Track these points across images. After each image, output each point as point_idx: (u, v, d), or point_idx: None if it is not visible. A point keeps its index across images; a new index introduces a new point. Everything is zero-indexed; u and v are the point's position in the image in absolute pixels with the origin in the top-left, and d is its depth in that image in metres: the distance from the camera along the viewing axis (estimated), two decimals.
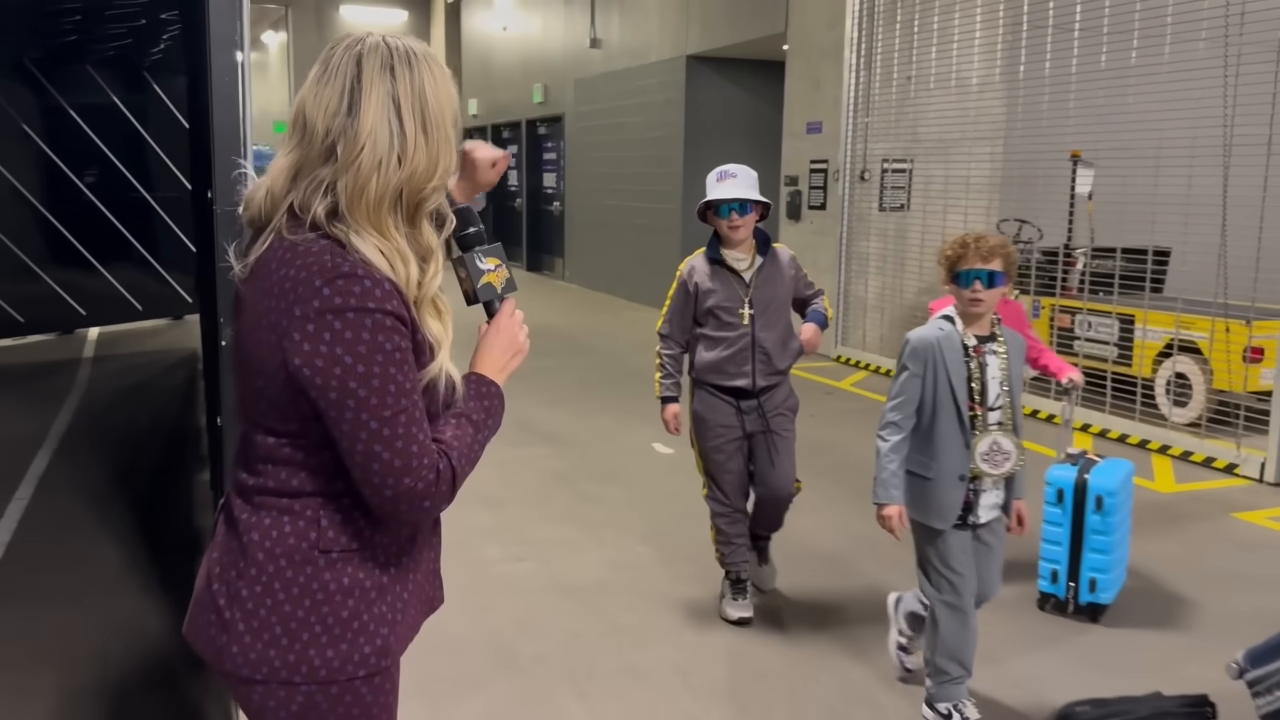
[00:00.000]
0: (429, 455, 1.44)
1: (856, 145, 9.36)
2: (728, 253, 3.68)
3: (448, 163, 1.48)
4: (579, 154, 14.84)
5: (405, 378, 1.41)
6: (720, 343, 3.70)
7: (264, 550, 1.48)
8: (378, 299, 1.38)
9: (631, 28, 13.21)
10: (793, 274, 3.78)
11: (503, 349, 1.66)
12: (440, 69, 1.48)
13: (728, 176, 3.61)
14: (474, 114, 19.06)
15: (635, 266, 13.29)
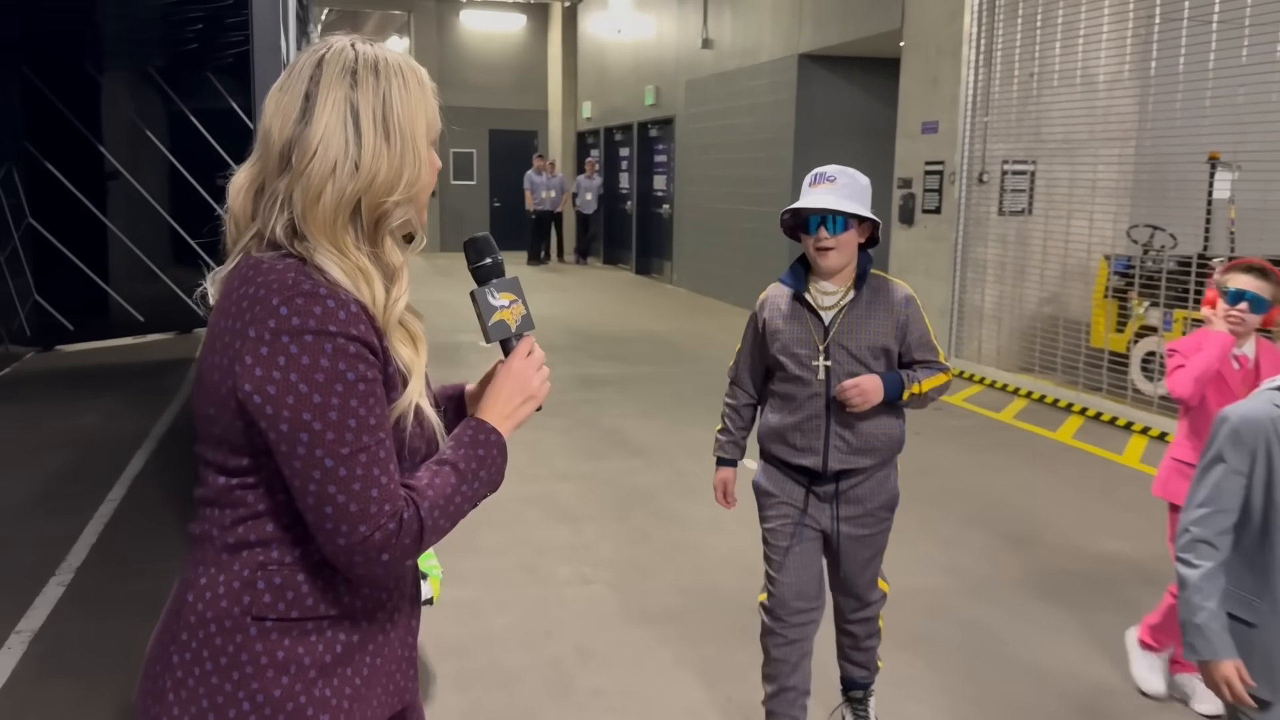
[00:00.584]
0: (392, 501, 1.29)
1: (975, 146, 8.91)
2: (815, 283, 2.74)
3: (414, 175, 1.35)
4: (688, 156, 14.68)
5: (369, 412, 1.27)
6: (787, 403, 2.78)
7: (195, 613, 1.33)
8: (341, 322, 1.26)
9: (743, 27, 12.97)
10: (901, 320, 2.73)
11: (511, 393, 1.49)
12: (415, 79, 1.37)
13: (823, 180, 2.67)
14: (587, 117, 19.09)
15: (742, 271, 13.04)
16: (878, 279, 2.77)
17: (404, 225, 1.40)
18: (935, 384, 2.76)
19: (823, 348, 2.71)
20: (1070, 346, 8.05)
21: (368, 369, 1.28)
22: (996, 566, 4.61)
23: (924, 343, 2.77)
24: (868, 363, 2.70)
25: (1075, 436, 7.01)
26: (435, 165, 1.41)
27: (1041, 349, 8.38)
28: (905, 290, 2.78)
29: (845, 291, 2.73)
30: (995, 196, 8.82)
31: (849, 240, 2.67)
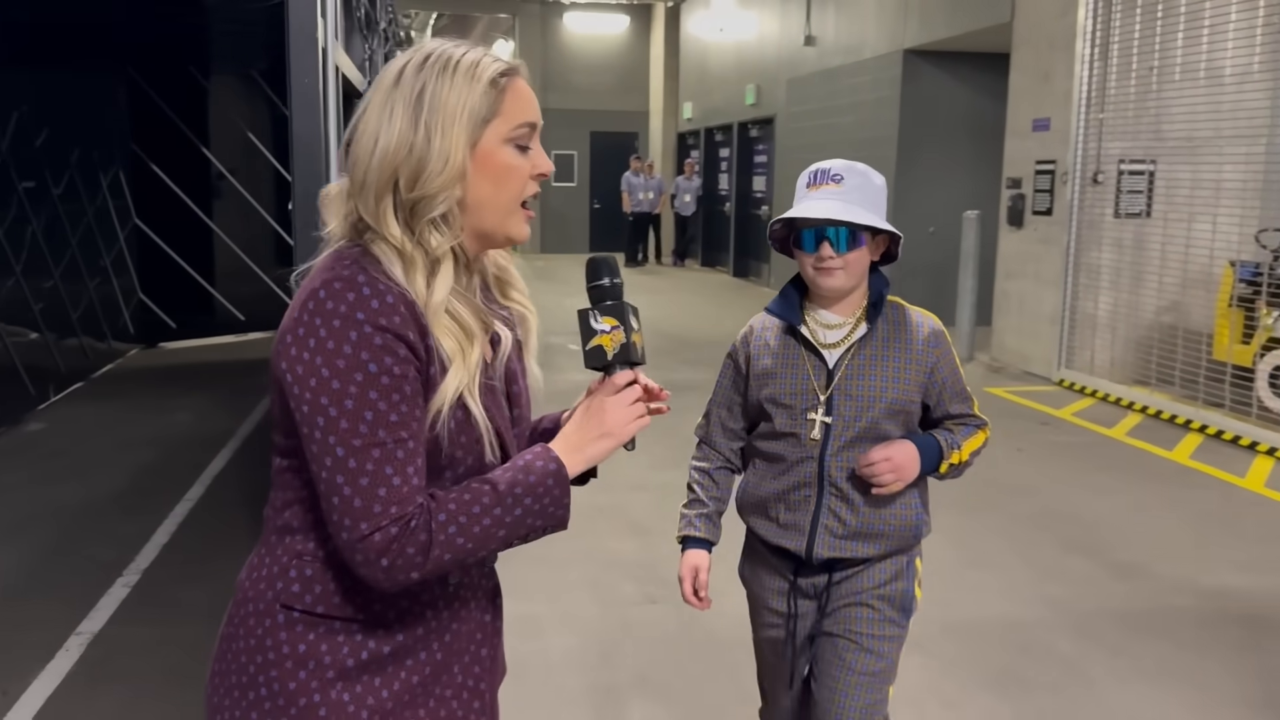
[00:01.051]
0: (400, 505, 1.24)
1: (1089, 144, 8.42)
2: (813, 312, 2.12)
3: (440, 164, 1.30)
4: (788, 156, 14.37)
5: (390, 408, 1.24)
6: (772, 465, 2.16)
7: (242, 591, 1.38)
8: (371, 311, 1.24)
9: (847, 23, 12.62)
10: (928, 363, 2.11)
11: (591, 425, 1.40)
12: (465, 73, 1.33)
13: (825, 179, 2.04)
14: (688, 118, 18.93)
15: None
16: (896, 308, 2.14)
17: (473, 228, 1.36)
18: (974, 445, 2.16)
19: (824, 398, 2.08)
20: (1190, 358, 7.52)
21: (395, 364, 1.24)
22: (1099, 599, 4.25)
23: (958, 392, 2.16)
24: (879, 420, 2.07)
25: (1193, 456, 6.52)
26: (509, 168, 1.35)
27: (1159, 361, 7.86)
28: (932, 323, 2.14)
29: (854, 324, 2.10)
30: (1111, 198, 8.32)
31: (859, 259, 2.04)
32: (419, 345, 1.27)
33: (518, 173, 1.35)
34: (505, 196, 1.35)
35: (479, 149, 1.32)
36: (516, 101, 1.35)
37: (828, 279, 2.04)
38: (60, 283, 7.73)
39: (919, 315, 2.15)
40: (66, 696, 3.32)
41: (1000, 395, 8.15)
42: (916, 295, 11.83)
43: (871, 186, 2.06)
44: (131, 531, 4.75)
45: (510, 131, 1.34)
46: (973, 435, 2.17)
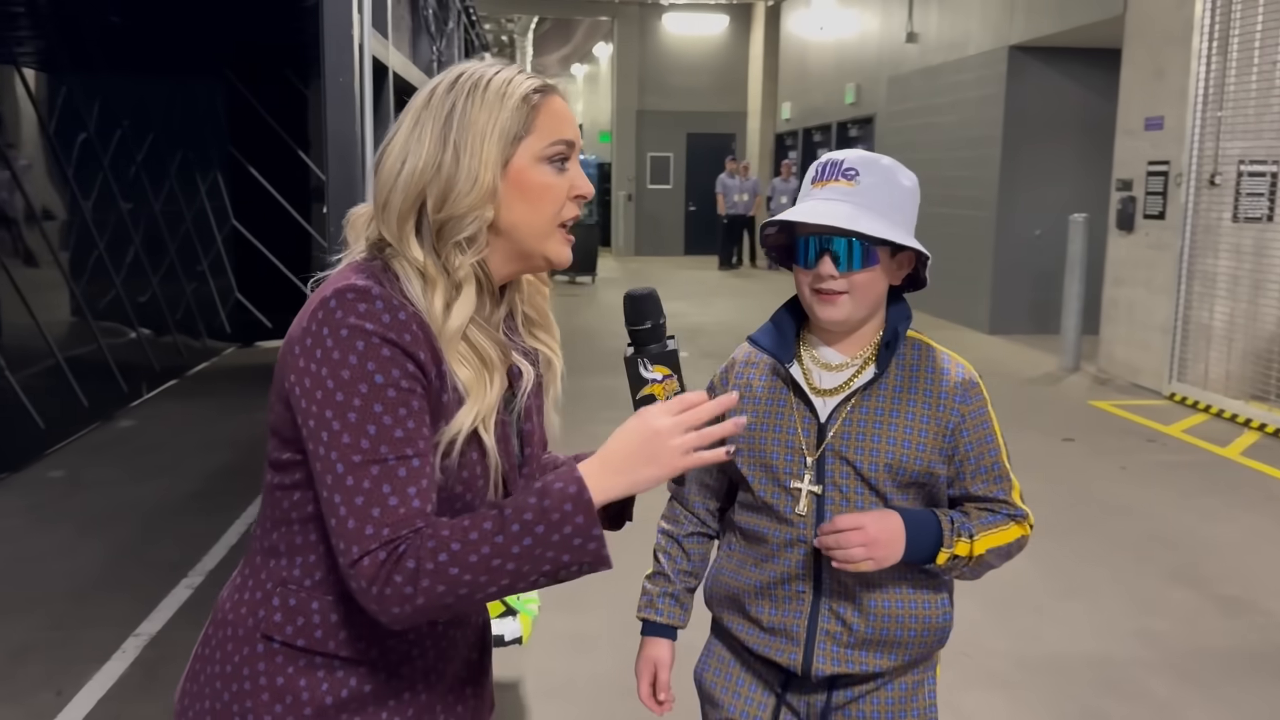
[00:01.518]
0: (394, 527, 1.15)
1: (1205, 144, 7.92)
2: (812, 348, 1.68)
3: (468, 184, 1.25)
4: (888, 156, 13.97)
5: (396, 422, 1.17)
6: (753, 547, 1.70)
7: (222, 611, 1.32)
8: (383, 324, 1.18)
9: (950, 19, 12.21)
10: (950, 423, 1.62)
11: (630, 449, 1.21)
12: (497, 93, 1.27)
13: (836, 174, 1.58)
14: (786, 118, 18.65)
15: (941, 280, 12.17)
16: (918, 349, 1.64)
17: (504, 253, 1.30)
18: (997, 542, 1.61)
19: (811, 460, 1.62)
20: None
21: (403, 377, 1.18)
22: (1201, 636, 3.92)
23: (988, 467, 1.63)
24: (887, 493, 1.60)
25: None
26: (544, 187, 1.28)
27: (1279, 375, 7.34)
28: (962, 370, 1.64)
29: (860, 366, 1.63)
30: (1229, 201, 7.80)
31: (870, 282, 1.57)
32: (430, 367, 1.21)
33: (553, 192, 1.29)
34: (541, 217, 1.29)
35: (511, 167, 1.26)
36: (551, 119, 1.29)
37: (828, 307, 1.58)
38: (159, 284, 7.93)
39: (947, 359, 1.65)
40: (117, 700, 3.32)
41: (1105, 409, 7.73)
42: (1020, 302, 11.41)
43: (896, 188, 1.57)
44: (202, 531, 4.78)
45: (544, 149, 1.28)
46: (998, 527, 1.62)
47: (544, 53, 28.70)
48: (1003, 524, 1.64)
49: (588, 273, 15.64)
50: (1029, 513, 1.69)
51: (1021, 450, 6.52)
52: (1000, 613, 4.08)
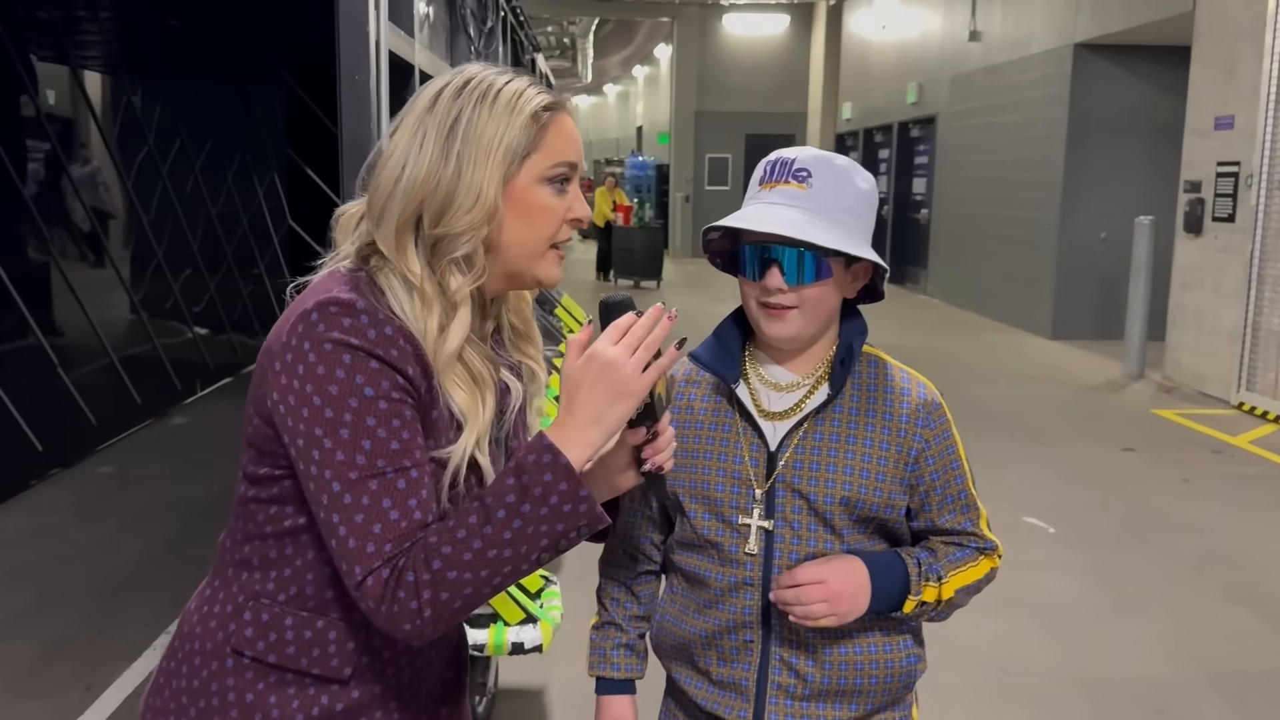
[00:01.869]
0: (396, 542, 1.11)
1: (1278, 144, 7.61)
2: (760, 366, 1.52)
3: (469, 200, 1.20)
4: (949, 157, 13.76)
5: (391, 434, 1.13)
6: (696, 591, 1.53)
7: (189, 623, 1.28)
8: (369, 340, 1.13)
9: (1014, 17, 11.94)
10: (911, 450, 1.47)
11: (593, 393, 1.17)
12: (504, 103, 1.22)
13: (786, 175, 1.41)
14: (847, 118, 18.43)
15: (1002, 282, 12.02)
16: (874, 366, 1.50)
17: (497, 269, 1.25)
18: (967, 580, 1.49)
19: (760, 492, 1.46)
20: None
21: (394, 389, 1.14)
22: (1256, 657, 3.73)
23: (954, 496, 1.49)
24: (841, 529, 1.44)
25: None
26: (542, 208, 1.24)
27: None
28: (923, 390, 1.49)
29: (812, 387, 1.48)
30: None
31: (822, 297, 1.41)
32: (420, 382, 1.16)
33: (551, 214, 1.25)
34: (535, 238, 1.25)
35: (512, 185, 1.22)
36: (559, 138, 1.25)
37: (776, 323, 1.42)
38: (216, 284, 8.05)
39: (906, 378, 1.50)
40: None
41: (1170, 418, 7.47)
42: (1084, 307, 11.14)
43: (851, 192, 1.41)
44: None
45: (548, 169, 1.24)
46: (967, 564, 1.49)
47: (605, 55, 28.74)
48: (971, 560, 1.50)
49: (652, 277, 15.21)
50: (998, 543, 1.55)
51: (1078, 460, 6.39)
52: (1045, 628, 3.93)
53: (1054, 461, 6.28)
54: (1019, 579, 4.34)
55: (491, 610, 2.95)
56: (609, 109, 34.02)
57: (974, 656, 3.65)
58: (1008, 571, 4.70)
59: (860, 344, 1.47)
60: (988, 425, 7.07)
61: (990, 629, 3.84)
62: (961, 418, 2.35)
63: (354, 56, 2.38)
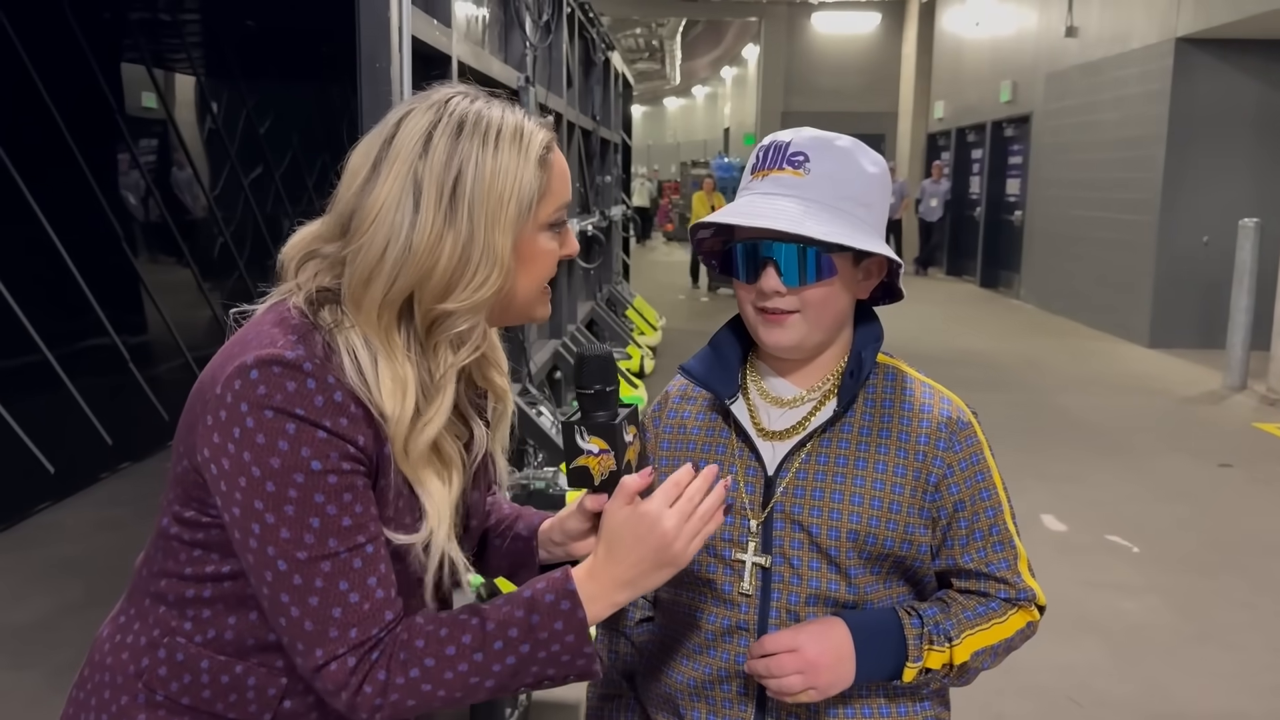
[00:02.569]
0: (361, 627, 1.03)
1: None
2: (761, 378, 1.35)
3: (486, 271, 1.06)
4: (1044, 157, 13.29)
5: (342, 510, 1.02)
6: (684, 636, 1.34)
7: (100, 651, 1.18)
8: (316, 409, 1.01)
9: (1113, 11, 11.46)
10: (931, 475, 1.26)
11: (639, 558, 1.10)
12: (512, 145, 1.07)
13: (781, 160, 1.24)
14: (939, 117, 18.00)
15: (1096, 287, 11.54)
16: (891, 378, 1.32)
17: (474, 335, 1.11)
18: (989, 640, 1.27)
19: (756, 524, 1.28)
20: None
21: (343, 459, 1.02)
22: None
23: (986, 532, 1.28)
24: (848, 568, 1.25)
25: None
26: (543, 255, 1.13)
27: None
28: (946, 407, 1.30)
29: (819, 402, 1.31)
30: None
31: (828, 298, 1.24)
32: (371, 450, 1.05)
33: (551, 259, 1.14)
34: (535, 285, 1.14)
35: (521, 240, 1.09)
36: (561, 180, 1.13)
37: (775, 330, 1.25)
38: None
39: (928, 393, 1.30)
40: None
41: (1272, 433, 7.03)
42: (1184, 313, 10.63)
43: (858, 177, 1.23)
44: None
45: (551, 215, 1.12)
46: (990, 620, 1.28)
47: (694, 57, 28.62)
48: (997, 614, 1.28)
49: None
50: (1036, 591, 1.31)
51: (1169, 475, 6.03)
52: (1123, 656, 3.68)
53: (1143, 476, 5.95)
54: (1096, 601, 4.09)
55: None
56: (697, 111, 33.90)
57: (1040, 685, 3.42)
58: (1083, 592, 4.46)
59: (873, 352, 1.29)
60: (1074, 435, 6.74)
61: (1060, 656, 3.61)
62: (1047, 427, 2.16)
63: (374, 43, 2.30)
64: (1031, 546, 1.37)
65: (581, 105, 6.19)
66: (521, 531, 1.31)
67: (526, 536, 1.30)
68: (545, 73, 4.89)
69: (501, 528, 1.34)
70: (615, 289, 8.00)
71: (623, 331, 6.96)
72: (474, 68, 3.26)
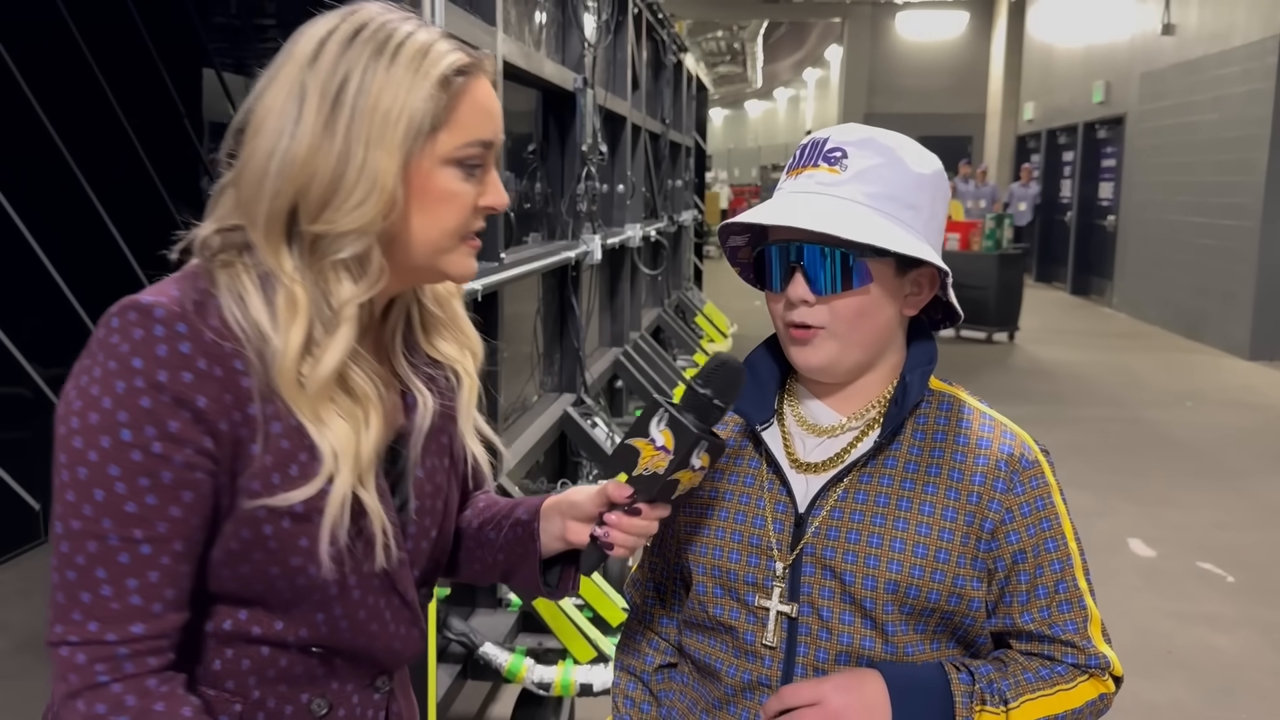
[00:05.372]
0: (103, 623, 0.92)
1: None
2: (799, 403, 1.19)
3: (363, 193, 0.96)
4: (1139, 160, 12.79)
5: (131, 493, 0.92)
6: (705, 685, 1.20)
7: None
8: (154, 359, 0.92)
9: (1213, 7, 10.97)
10: (987, 521, 1.10)
11: None
12: (406, 62, 0.97)
13: (817, 157, 1.11)
14: (1029, 119, 17.52)
15: (1194, 296, 11.04)
16: (947, 408, 1.16)
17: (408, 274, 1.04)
18: (1053, 709, 1.09)
19: (783, 567, 1.14)
20: None
21: (159, 438, 0.92)
22: None
23: (1052, 589, 1.12)
24: (885, 623, 1.10)
25: None
26: (447, 196, 1.00)
27: None
28: (1011, 444, 1.14)
29: (861, 431, 1.16)
30: None
31: (863, 310, 1.10)
32: (217, 417, 0.94)
33: (458, 202, 1.02)
34: (440, 231, 1.02)
35: (412, 168, 0.98)
36: (474, 111, 1.01)
37: (802, 348, 1.12)
38: None
39: (989, 425, 1.15)
40: None
41: None
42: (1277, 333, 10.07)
43: (903, 176, 1.10)
44: None
45: (456, 150, 1.00)
46: (1057, 684, 1.10)
47: (776, 59, 28.35)
48: (1064, 679, 1.10)
49: (1006, 325, 10.50)
50: (1112, 659, 1.13)
51: (1270, 498, 5.66)
52: (1211, 696, 3.41)
53: (1240, 498, 5.59)
54: (1185, 635, 3.81)
55: (560, 645, 2.75)
56: (778, 114, 33.63)
57: None
58: (1171, 625, 4.18)
59: (922, 377, 1.13)
60: (1167, 453, 6.39)
61: (1143, 693, 3.36)
62: (1138, 445, 1.93)
63: None
64: (1117, 573, 1.20)
65: (649, 108, 6.06)
66: (521, 516, 1.20)
67: (527, 520, 1.18)
68: (608, 75, 4.78)
69: (498, 518, 1.22)
70: (685, 295, 7.85)
71: (690, 339, 6.81)
72: (524, 68, 3.16)
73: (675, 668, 1.27)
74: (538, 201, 3.92)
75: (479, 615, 2.95)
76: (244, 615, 1.01)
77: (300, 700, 1.06)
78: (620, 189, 5.09)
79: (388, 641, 1.08)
